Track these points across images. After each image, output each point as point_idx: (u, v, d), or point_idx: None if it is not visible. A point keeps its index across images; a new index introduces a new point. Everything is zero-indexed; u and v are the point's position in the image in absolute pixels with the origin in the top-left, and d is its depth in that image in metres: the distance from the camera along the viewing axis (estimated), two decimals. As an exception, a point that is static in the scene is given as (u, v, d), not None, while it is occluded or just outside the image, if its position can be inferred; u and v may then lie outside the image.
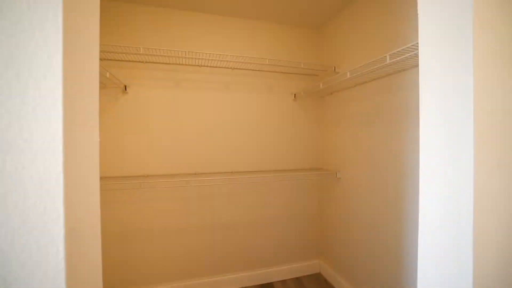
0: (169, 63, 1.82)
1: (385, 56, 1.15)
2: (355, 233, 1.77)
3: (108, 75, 1.47)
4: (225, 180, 1.87)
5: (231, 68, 1.91)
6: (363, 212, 1.68)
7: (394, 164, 1.42)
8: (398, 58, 1.11)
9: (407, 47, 1.04)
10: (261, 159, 2.07)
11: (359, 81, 1.65)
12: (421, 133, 0.72)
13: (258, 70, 2.01)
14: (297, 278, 2.09)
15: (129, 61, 1.73)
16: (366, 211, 1.65)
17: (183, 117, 1.90)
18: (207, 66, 1.88)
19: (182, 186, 1.84)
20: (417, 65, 1.20)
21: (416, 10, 0.71)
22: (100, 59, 1.65)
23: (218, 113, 1.98)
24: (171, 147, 1.88)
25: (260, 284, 2.01)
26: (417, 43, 1.00)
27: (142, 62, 1.75)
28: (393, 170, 1.42)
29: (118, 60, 1.71)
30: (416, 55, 1.05)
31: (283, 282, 2.05)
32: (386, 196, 1.48)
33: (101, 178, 1.61)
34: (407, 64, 1.20)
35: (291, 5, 1.85)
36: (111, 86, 1.74)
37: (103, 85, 1.68)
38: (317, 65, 1.99)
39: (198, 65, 1.86)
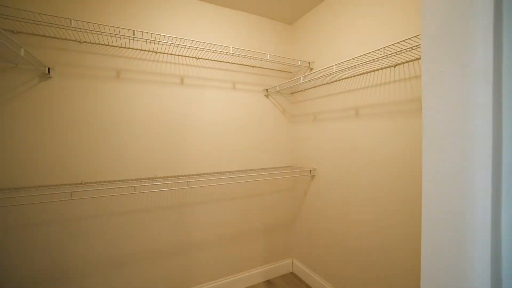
0: (108, 45, 1.47)
1: (381, 49, 1.14)
2: (329, 230, 1.78)
3: (23, 52, 1.10)
4: (185, 184, 1.65)
5: (189, 56, 1.66)
6: (337, 207, 1.70)
7: (371, 160, 1.45)
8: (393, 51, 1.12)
9: (404, 40, 1.04)
10: (231, 161, 1.89)
11: (334, 78, 1.65)
12: (425, 129, 0.69)
13: (225, 62, 1.81)
14: (268, 281, 2.01)
15: (55, 37, 1.36)
16: (341, 206, 1.67)
17: (124, 115, 1.53)
18: (159, 52, 1.60)
19: (129, 193, 1.51)
20: (406, 62, 1.23)
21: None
22: (14, 32, 1.22)
23: (171, 112, 1.66)
24: (108, 149, 1.50)
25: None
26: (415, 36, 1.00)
27: (73, 40, 1.39)
28: (371, 166, 1.46)
29: (41, 36, 1.33)
30: (415, 48, 1.06)
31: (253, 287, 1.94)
32: (361, 193, 1.52)
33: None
34: (398, 59, 1.23)
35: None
36: (27, 69, 1.31)
37: (13, 65, 1.28)
38: (292, 60, 1.92)
39: (146, 50, 1.57)
